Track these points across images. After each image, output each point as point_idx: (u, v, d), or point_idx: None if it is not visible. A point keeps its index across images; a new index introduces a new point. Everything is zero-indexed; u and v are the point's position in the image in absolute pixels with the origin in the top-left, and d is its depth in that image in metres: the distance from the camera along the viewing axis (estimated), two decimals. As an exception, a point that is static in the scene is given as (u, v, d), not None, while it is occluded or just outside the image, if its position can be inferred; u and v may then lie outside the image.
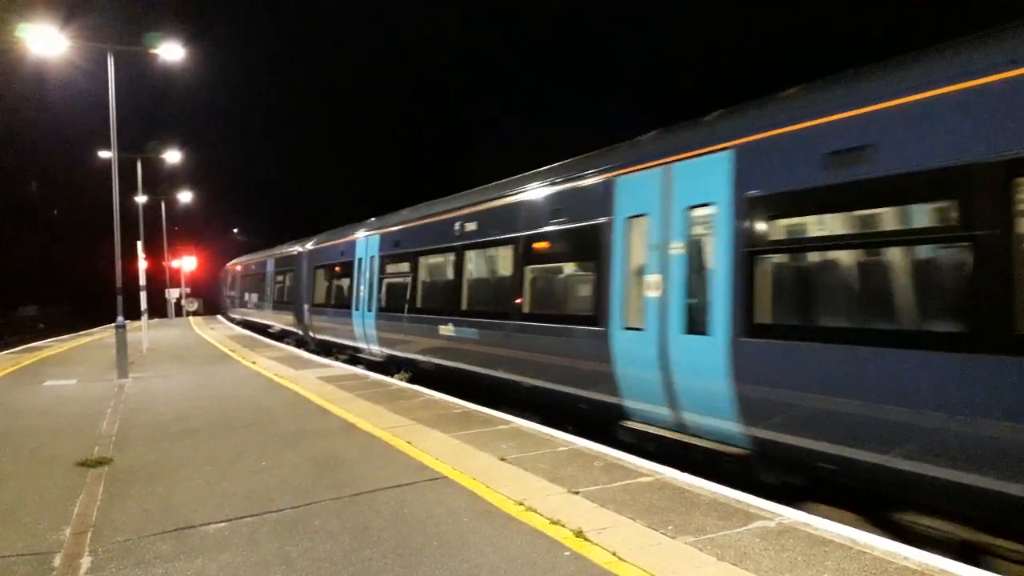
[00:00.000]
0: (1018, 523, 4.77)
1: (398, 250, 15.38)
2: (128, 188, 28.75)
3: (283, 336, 27.34)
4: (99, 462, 7.89)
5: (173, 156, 33.85)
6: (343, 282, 19.10)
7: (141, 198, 33.29)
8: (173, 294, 51.61)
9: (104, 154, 29.27)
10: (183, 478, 7.19)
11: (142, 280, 22.77)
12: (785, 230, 6.42)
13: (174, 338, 29.84)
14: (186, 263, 57.70)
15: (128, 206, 25.57)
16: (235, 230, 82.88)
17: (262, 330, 31.76)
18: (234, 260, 46.51)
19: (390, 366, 15.72)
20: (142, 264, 22.53)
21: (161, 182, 45.08)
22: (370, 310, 16.52)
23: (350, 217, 21.28)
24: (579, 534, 5.17)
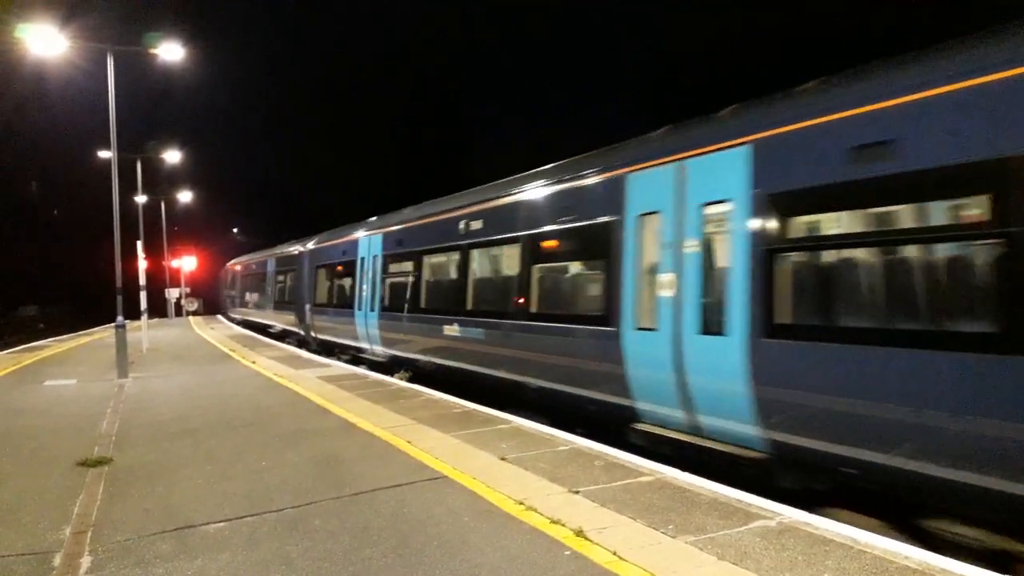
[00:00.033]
0: None
1: (402, 249, 15.14)
2: (128, 188, 28.75)
3: (284, 336, 27.18)
4: (99, 462, 7.88)
5: (173, 156, 33.94)
6: (345, 282, 18.94)
7: (141, 198, 33.28)
8: (173, 294, 51.64)
9: (104, 154, 29.34)
10: (183, 478, 7.19)
11: (142, 280, 22.77)
12: (807, 228, 6.19)
13: (174, 338, 29.84)
14: (186, 263, 57.71)
15: (128, 206, 25.57)
16: (235, 230, 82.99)
17: (263, 330, 31.60)
18: (234, 260, 46.38)
19: (393, 366, 15.55)
20: (142, 264, 22.52)
21: (161, 182, 45.17)
22: (373, 310, 16.34)
23: (350, 217, 21.21)
24: (579, 533, 5.17)
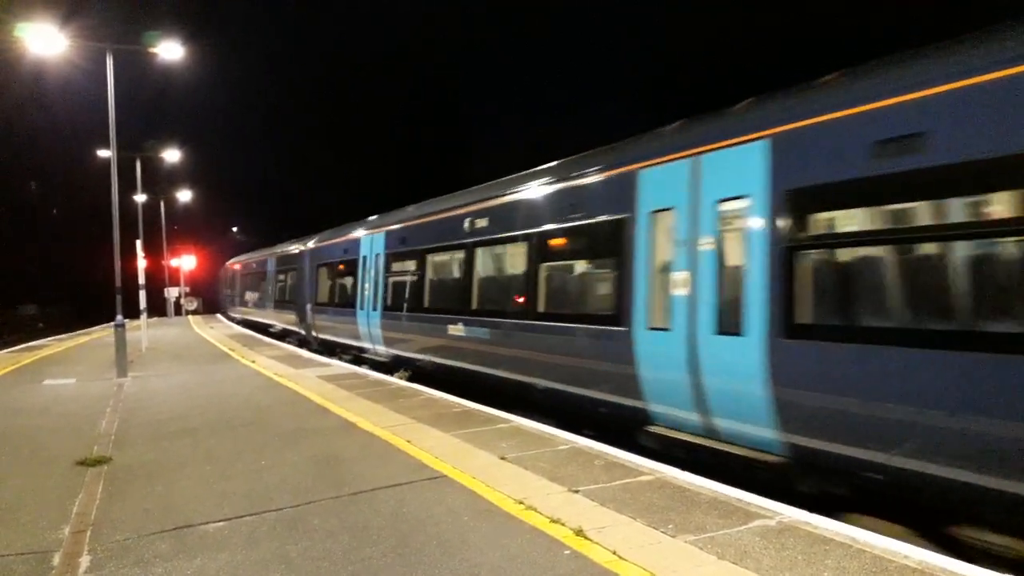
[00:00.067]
0: None
1: (405, 247, 14.86)
2: (127, 187, 28.75)
3: (285, 336, 27.03)
4: (98, 461, 7.88)
5: (172, 155, 33.94)
6: (347, 280, 18.75)
7: (140, 197, 33.29)
8: (172, 293, 51.65)
9: (103, 153, 29.32)
10: (182, 477, 7.19)
11: (141, 279, 22.75)
12: (831, 225, 5.97)
13: (173, 337, 29.83)
14: (185, 262, 57.71)
15: (127, 205, 25.58)
16: (234, 229, 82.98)
17: (263, 329, 31.47)
18: (234, 259, 46.27)
19: (396, 367, 15.36)
20: (141, 263, 22.50)
21: (160, 181, 45.15)
22: (375, 309, 16.11)
23: (349, 216, 21.10)
24: (579, 533, 5.16)
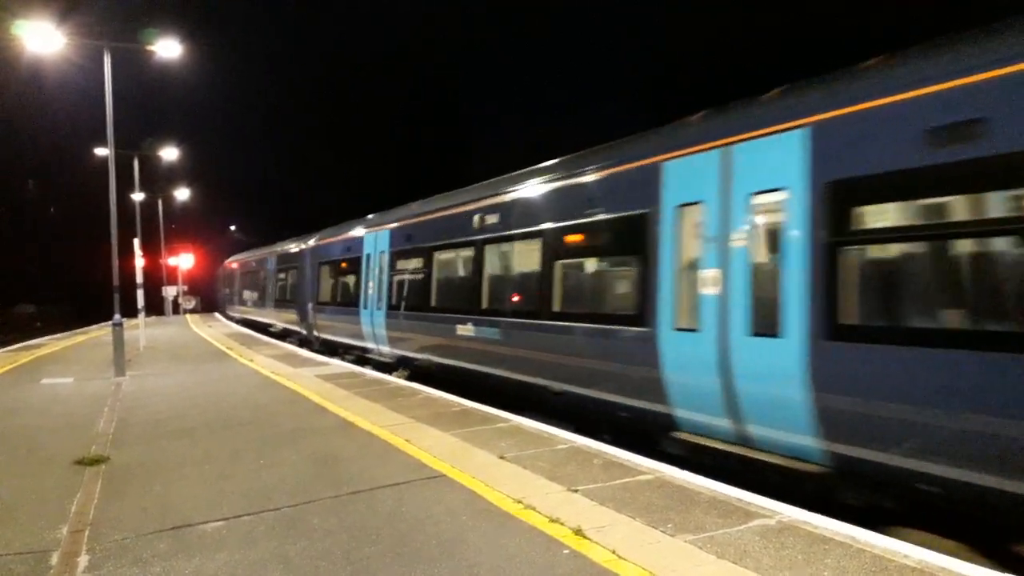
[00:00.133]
0: None
1: (411, 245, 14.44)
2: (126, 186, 28.75)
3: (285, 335, 26.78)
4: (96, 460, 7.86)
5: (170, 154, 33.82)
6: (350, 279, 18.48)
7: (138, 196, 33.26)
8: (170, 292, 51.62)
9: (101, 152, 29.26)
10: (180, 476, 7.17)
11: (139, 278, 22.71)
12: (879, 218, 5.57)
13: (171, 336, 29.79)
14: (183, 261, 57.68)
15: (126, 204, 25.57)
16: (232, 228, 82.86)
17: (262, 329, 31.26)
18: (233, 257, 46.15)
19: (401, 367, 15.09)
20: (139, 262, 22.45)
21: (159, 180, 45.12)
22: (379, 308, 15.76)
23: (348, 216, 20.95)
24: (578, 532, 5.15)
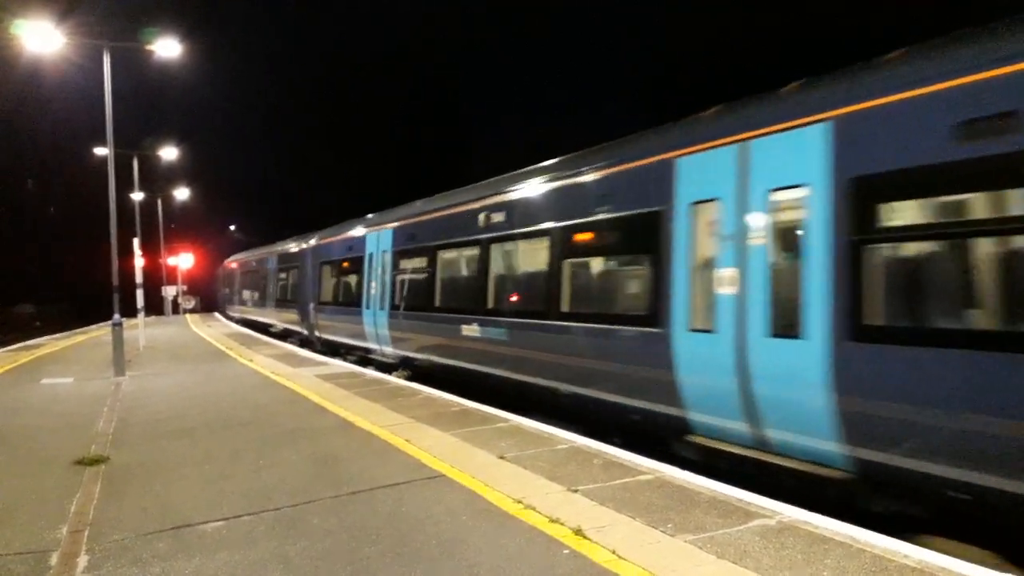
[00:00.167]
0: None
1: (414, 244, 14.23)
2: (125, 186, 28.73)
3: (286, 335, 26.61)
4: (96, 460, 7.86)
5: (170, 153, 33.81)
6: (352, 279, 18.32)
7: (138, 195, 33.25)
8: (170, 292, 51.61)
9: (101, 151, 29.24)
10: (180, 476, 7.17)
11: (139, 278, 22.70)
12: (908, 215, 5.40)
13: (171, 336, 29.79)
14: (183, 260, 57.67)
15: (125, 204, 25.57)
16: (232, 227, 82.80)
17: (262, 329, 31.16)
18: (233, 257, 46.09)
19: (405, 369, 14.97)
20: (139, 262, 22.44)
21: (158, 179, 45.11)
22: (382, 308, 15.56)
23: (348, 216, 20.95)
24: (578, 532, 5.15)
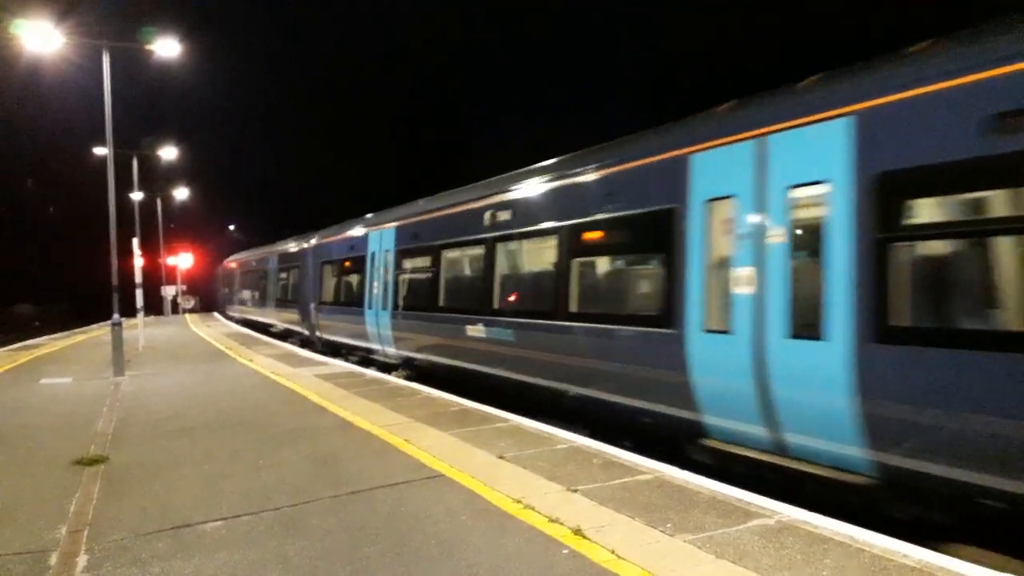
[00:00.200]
0: None
1: (418, 243, 14.04)
2: (125, 186, 28.72)
3: (287, 335, 26.46)
4: (95, 460, 7.86)
5: (170, 153, 33.81)
6: (354, 278, 18.18)
7: (137, 195, 33.24)
8: (169, 291, 51.61)
9: (100, 151, 29.22)
10: (180, 476, 7.17)
11: (138, 278, 22.70)
12: (938, 212, 5.23)
13: (170, 336, 29.78)
14: (182, 260, 57.66)
15: (125, 204, 25.56)
16: (232, 227, 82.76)
17: (262, 329, 31.07)
18: (232, 256, 46.06)
19: (408, 369, 14.89)
20: (138, 261, 22.44)
21: (158, 179, 45.10)
22: (385, 308, 15.37)
23: (349, 216, 20.90)
24: (577, 532, 5.15)
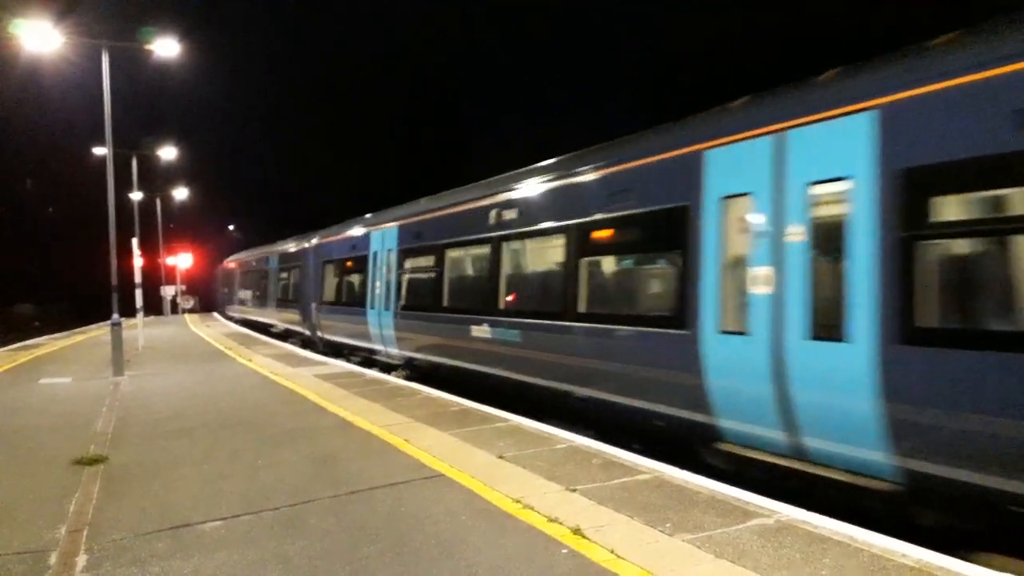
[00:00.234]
0: None
1: (421, 242, 13.90)
2: (124, 186, 28.72)
3: (287, 336, 26.34)
4: (95, 460, 7.86)
5: (169, 153, 33.77)
6: (356, 278, 18.08)
7: (136, 195, 33.24)
8: (169, 291, 51.61)
9: (100, 151, 29.20)
10: (179, 476, 7.17)
11: (138, 278, 22.70)
12: (970, 209, 5.06)
13: (170, 336, 29.78)
14: (182, 260, 57.64)
15: (124, 204, 25.56)
16: (231, 227, 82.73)
17: (263, 329, 31.00)
18: (232, 256, 46.01)
19: (411, 370, 14.84)
20: (137, 261, 22.44)
21: (157, 179, 45.10)
22: (387, 308, 15.23)
23: (348, 216, 20.89)
24: (577, 532, 5.16)
